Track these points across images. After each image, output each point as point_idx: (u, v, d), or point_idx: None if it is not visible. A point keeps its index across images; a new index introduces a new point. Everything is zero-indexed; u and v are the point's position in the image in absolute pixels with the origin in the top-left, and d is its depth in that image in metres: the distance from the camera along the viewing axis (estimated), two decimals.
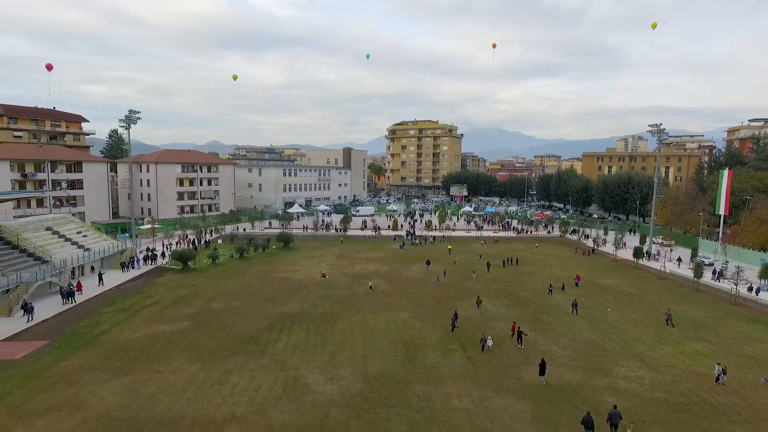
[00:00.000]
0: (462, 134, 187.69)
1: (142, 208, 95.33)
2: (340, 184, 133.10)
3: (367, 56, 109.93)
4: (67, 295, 40.63)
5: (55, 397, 24.15)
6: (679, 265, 58.39)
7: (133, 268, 53.92)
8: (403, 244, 70.42)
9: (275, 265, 57.47)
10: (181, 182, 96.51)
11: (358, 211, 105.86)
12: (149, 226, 72.89)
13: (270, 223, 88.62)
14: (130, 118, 58.99)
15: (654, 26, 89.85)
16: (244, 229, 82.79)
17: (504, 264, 57.15)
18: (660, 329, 35.31)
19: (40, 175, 76.29)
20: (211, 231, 77.67)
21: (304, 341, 32.11)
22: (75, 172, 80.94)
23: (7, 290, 38.35)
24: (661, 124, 65.24)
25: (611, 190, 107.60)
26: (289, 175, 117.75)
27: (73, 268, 47.42)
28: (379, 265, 57.12)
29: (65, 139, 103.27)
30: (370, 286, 46.20)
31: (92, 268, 51.09)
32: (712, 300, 44.38)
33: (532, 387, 25.57)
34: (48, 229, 51.28)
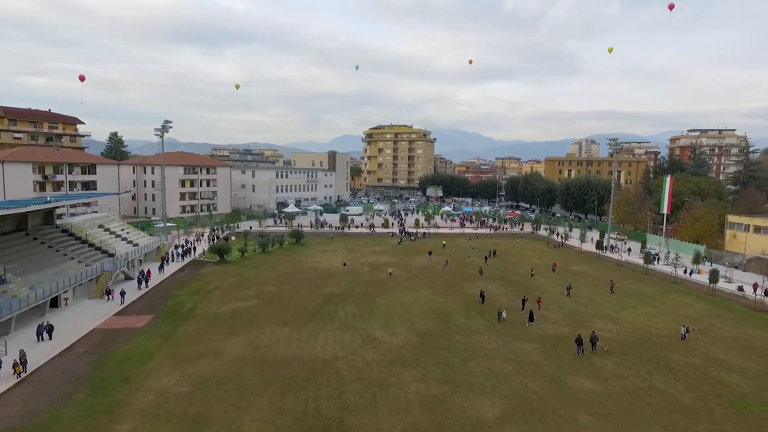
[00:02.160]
0: (435, 138, 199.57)
1: (146, 208, 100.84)
2: (326, 185, 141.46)
3: (357, 67, 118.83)
4: (142, 281, 48.12)
5: (195, 349, 32.52)
6: (629, 254, 71.13)
7: (172, 261, 61.09)
8: (401, 240, 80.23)
9: (297, 257, 65.95)
10: (183, 183, 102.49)
11: (347, 210, 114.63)
12: (163, 225, 79.33)
13: (275, 221, 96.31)
14: (165, 127, 65.90)
15: (610, 50, 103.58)
16: (250, 227, 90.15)
17: (491, 255, 67.80)
18: (622, 299, 46.85)
19: (59, 177, 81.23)
20: (222, 229, 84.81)
21: (358, 312, 41.39)
22: (90, 174, 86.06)
23: (96, 278, 45.42)
24: (617, 138, 78.08)
25: (572, 192, 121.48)
26: (282, 176, 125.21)
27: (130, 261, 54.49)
28: (387, 257, 66.67)
29: (62, 140, 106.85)
30: (390, 273, 55.79)
31: (140, 262, 58.07)
32: (657, 280, 56.76)
33: (538, 336, 36.03)
34: (100, 226, 57.87)
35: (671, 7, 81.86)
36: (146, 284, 48.51)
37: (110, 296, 43.68)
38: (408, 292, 48.24)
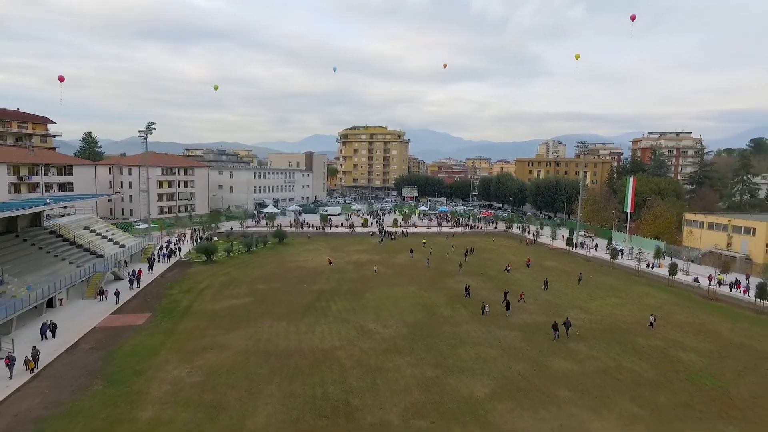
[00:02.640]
0: (409, 139, 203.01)
1: (123, 209, 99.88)
2: (303, 186, 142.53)
3: (334, 69, 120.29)
4: (134, 281, 48.95)
5: (199, 343, 34.13)
6: (596, 250, 75.78)
7: (158, 261, 61.69)
8: (382, 239, 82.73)
9: (282, 256, 67.53)
10: (160, 184, 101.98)
11: (326, 210, 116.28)
12: (147, 225, 79.36)
13: (255, 221, 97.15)
14: (149, 128, 66.30)
15: (577, 57, 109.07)
16: (231, 228, 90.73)
17: (469, 252, 70.99)
18: (591, 291, 50.71)
19: (35, 178, 79.97)
20: (203, 229, 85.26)
21: (350, 306, 43.63)
22: (66, 174, 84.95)
23: (88, 279, 46.05)
24: (585, 142, 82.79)
25: (542, 192, 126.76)
26: (260, 177, 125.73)
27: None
28: (370, 255, 69.03)
29: (32, 140, 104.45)
30: (375, 270, 58.18)
31: (125, 262, 58.49)
32: (622, 273, 61.19)
33: (518, 325, 39.17)
34: (86, 227, 58.06)
35: (633, 18, 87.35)
36: (138, 284, 49.35)
37: (104, 296, 44.45)
38: (394, 287, 50.76)
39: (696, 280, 55.08)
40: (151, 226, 75.30)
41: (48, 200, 47.62)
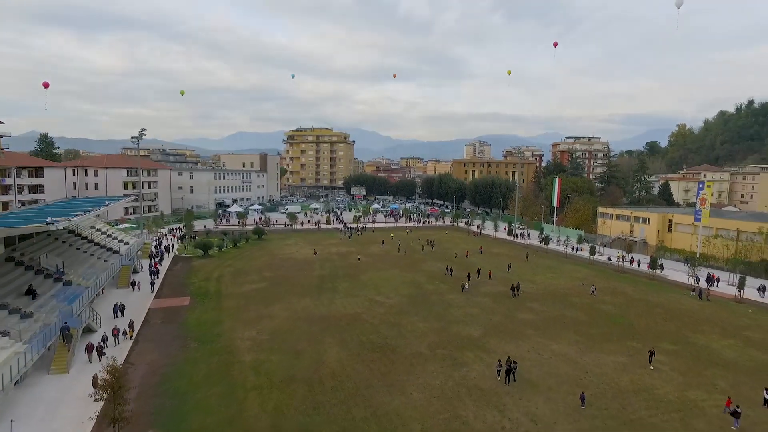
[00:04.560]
0: (354, 141, 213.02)
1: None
2: (258, 186, 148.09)
3: (293, 76, 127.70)
4: (154, 273, 55.36)
5: (249, 314, 42.70)
6: (530, 238, 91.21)
7: (157, 257, 67.40)
8: (351, 234, 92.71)
9: (269, 250, 75.48)
10: (125, 185, 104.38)
11: (287, 209, 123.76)
12: (140, 225, 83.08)
13: (223, 221, 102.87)
14: (140, 134, 71.31)
15: (509, 73, 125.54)
16: (204, 226, 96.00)
17: (430, 243, 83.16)
18: (534, 269, 64.55)
19: (8, 181, 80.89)
20: (179, 228, 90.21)
21: (352, 286, 53.63)
22: (37, 177, 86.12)
23: (118, 271, 52.10)
24: (520, 148, 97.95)
25: (480, 190, 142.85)
26: (220, 178, 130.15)
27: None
28: (346, 248, 78.90)
29: None
30: (359, 258, 68.35)
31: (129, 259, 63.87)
32: (553, 256, 76.27)
33: (488, 293, 51.45)
34: (92, 227, 62.72)
35: (555, 44, 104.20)
36: (157, 276, 55.80)
37: (137, 286, 50.83)
38: (380, 271, 61.38)
39: (609, 259, 71.05)
40: (126, 226, 79.68)
41: (89, 207, 52.34)
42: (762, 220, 71.55)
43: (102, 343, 32.92)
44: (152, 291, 50.09)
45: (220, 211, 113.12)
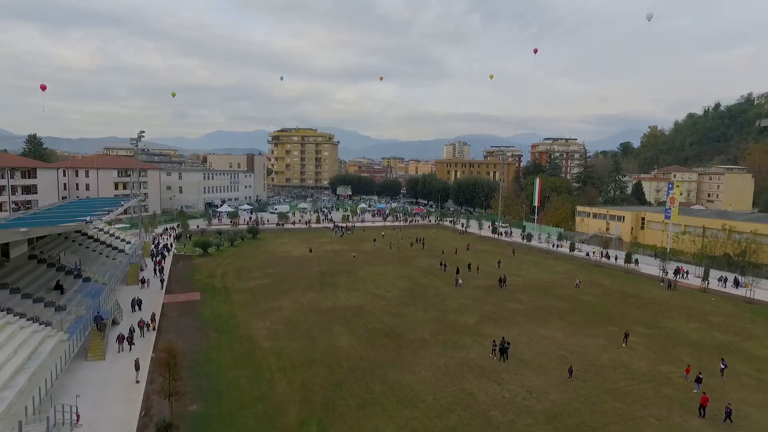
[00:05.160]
0: (338, 141, 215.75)
1: None
2: (246, 186, 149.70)
3: (282, 78, 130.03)
4: (159, 271, 57.63)
5: (260, 307, 45.65)
6: (512, 236, 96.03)
7: (158, 256, 69.42)
8: (343, 233, 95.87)
9: (265, 248, 78.13)
10: (116, 186, 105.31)
11: (276, 209, 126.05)
12: (140, 225, 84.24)
13: (215, 221, 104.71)
14: (139, 137, 73.11)
15: (491, 77, 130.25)
16: (197, 226, 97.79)
17: (420, 241, 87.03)
18: (519, 264, 68.98)
19: (1, 182, 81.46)
20: (174, 228, 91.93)
21: (352, 281, 56.97)
22: (30, 178, 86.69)
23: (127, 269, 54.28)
24: (500, 148, 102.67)
25: (463, 190, 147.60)
26: (209, 178, 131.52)
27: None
28: (340, 246, 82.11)
29: None
30: (354, 256, 71.68)
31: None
32: (536, 252, 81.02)
33: (478, 286, 55.46)
34: (94, 227, 64.37)
35: (535, 51, 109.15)
36: (162, 273, 58.05)
37: (146, 283, 53.12)
38: (376, 267, 64.86)
39: (587, 254, 76.07)
40: (121, 226, 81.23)
41: (109, 207, 54.10)
42: (725, 218, 77.58)
43: (131, 334, 35.52)
44: (162, 287, 52.45)
45: (210, 211, 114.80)
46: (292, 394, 28.50)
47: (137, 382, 29.50)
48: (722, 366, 32.16)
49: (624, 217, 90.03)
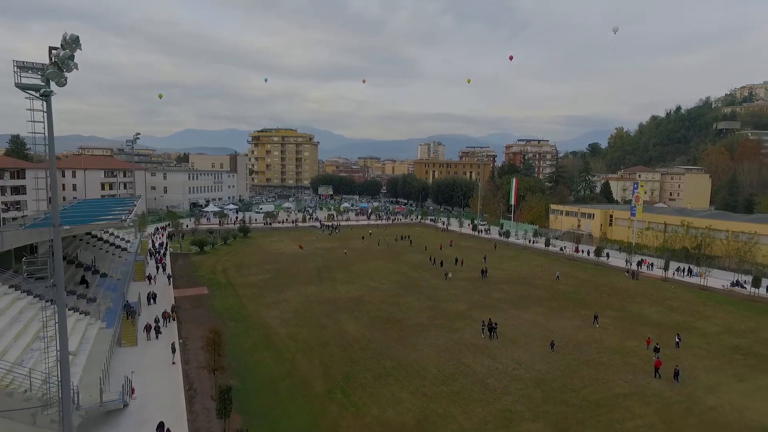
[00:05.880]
0: (318, 141, 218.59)
1: None
2: (229, 186, 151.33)
3: (266, 80, 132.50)
4: (161, 268, 60.36)
5: (267, 300, 49.28)
6: (489, 232, 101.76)
7: (156, 254, 71.79)
8: (332, 232, 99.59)
9: (259, 246, 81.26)
10: (103, 186, 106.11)
11: (261, 208, 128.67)
12: (134, 224, 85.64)
13: (208, 219, 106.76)
14: (135, 139, 75.20)
15: (468, 81, 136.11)
16: (186, 225, 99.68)
17: (407, 238, 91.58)
18: (500, 259, 74.36)
19: None
20: (165, 227, 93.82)
21: (347, 275, 61.02)
22: (19, 178, 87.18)
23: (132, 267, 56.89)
24: (475, 148, 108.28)
25: (442, 190, 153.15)
26: (193, 179, 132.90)
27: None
28: (330, 243, 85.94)
29: None
30: (345, 252, 75.66)
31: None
32: (514, 247, 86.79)
33: (465, 278, 60.38)
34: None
35: (510, 58, 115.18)
36: (164, 270, 60.81)
37: (153, 280, 55.85)
38: (368, 263, 69.08)
39: (561, 249, 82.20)
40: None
41: (124, 206, 56.26)
42: (684, 215, 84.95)
43: (157, 324, 38.73)
44: (169, 283, 55.32)
45: (197, 210, 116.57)
46: (314, 371, 32.54)
47: (173, 363, 32.97)
48: (677, 340, 37.86)
49: (594, 214, 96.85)
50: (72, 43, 18.54)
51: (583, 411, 27.65)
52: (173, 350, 33.47)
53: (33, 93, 18.61)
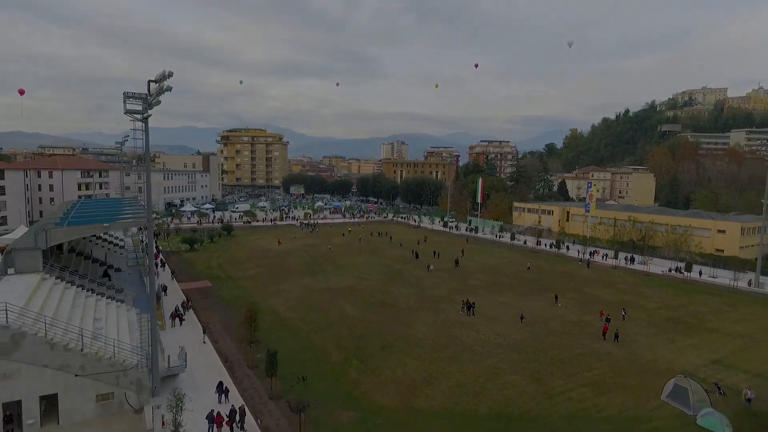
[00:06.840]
0: (288, 141, 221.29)
1: (41, 212, 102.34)
2: (202, 186, 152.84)
3: (240, 82, 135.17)
4: (160, 264, 63.94)
5: (269, 290, 54.24)
6: (457, 228, 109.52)
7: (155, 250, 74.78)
8: (312, 229, 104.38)
9: (245, 243, 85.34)
10: (80, 187, 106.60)
11: (237, 207, 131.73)
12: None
13: (188, 218, 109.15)
14: (124, 141, 77.65)
15: (437, 86, 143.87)
16: (169, 225, 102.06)
17: (379, 234, 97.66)
18: (472, 252, 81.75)
19: None
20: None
21: (336, 268, 66.54)
22: None
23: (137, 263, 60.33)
24: (439, 148, 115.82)
25: (412, 188, 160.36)
26: (168, 179, 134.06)
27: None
28: (313, 240, 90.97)
29: None
30: (329, 248, 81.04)
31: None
32: (482, 242, 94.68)
33: (443, 269, 67.18)
34: None
35: (476, 66, 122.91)
36: (163, 265, 64.40)
37: (156, 275, 59.50)
38: (353, 257, 74.81)
39: (525, 242, 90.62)
40: None
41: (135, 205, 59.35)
42: (631, 211, 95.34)
43: (180, 311, 43.18)
44: (172, 277, 59.17)
45: (175, 210, 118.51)
46: (328, 345, 38.21)
47: (204, 342, 37.80)
48: (623, 313, 46.02)
49: (553, 211, 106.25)
50: (165, 78, 23.71)
51: (551, 366, 34.74)
52: (204, 331, 38.26)
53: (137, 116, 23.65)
